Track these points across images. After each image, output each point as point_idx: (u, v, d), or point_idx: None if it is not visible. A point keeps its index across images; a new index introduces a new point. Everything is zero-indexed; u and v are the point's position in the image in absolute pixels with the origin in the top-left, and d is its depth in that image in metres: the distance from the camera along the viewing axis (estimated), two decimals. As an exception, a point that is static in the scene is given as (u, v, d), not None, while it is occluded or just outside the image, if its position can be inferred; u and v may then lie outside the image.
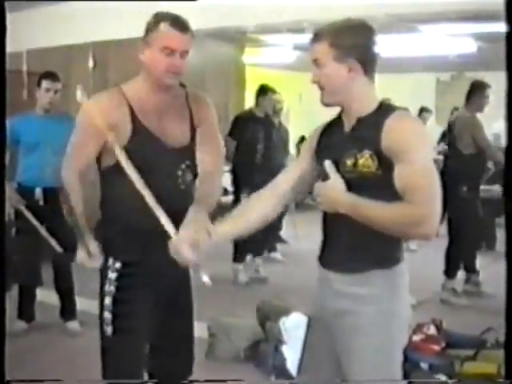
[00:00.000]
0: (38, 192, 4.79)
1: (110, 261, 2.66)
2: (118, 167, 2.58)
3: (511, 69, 2.25)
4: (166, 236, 2.45)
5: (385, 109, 2.22)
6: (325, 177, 2.26)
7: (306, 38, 7.34)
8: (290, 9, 4.98)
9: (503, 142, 7.33)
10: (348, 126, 2.30)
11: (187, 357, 2.89)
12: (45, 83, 4.72)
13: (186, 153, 2.74)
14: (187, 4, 5.11)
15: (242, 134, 6.30)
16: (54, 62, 6.68)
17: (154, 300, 2.69)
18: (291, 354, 4.20)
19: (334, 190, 2.21)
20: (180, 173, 2.70)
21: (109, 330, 2.65)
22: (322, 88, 2.28)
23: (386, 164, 2.14)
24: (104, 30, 5.56)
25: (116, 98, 2.64)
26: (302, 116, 9.79)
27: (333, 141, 2.34)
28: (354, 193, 2.17)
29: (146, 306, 2.66)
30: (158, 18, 2.64)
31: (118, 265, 2.65)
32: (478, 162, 5.76)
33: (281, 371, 4.18)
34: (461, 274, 5.94)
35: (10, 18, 2.48)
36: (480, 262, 6.12)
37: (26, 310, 5.03)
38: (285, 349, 4.25)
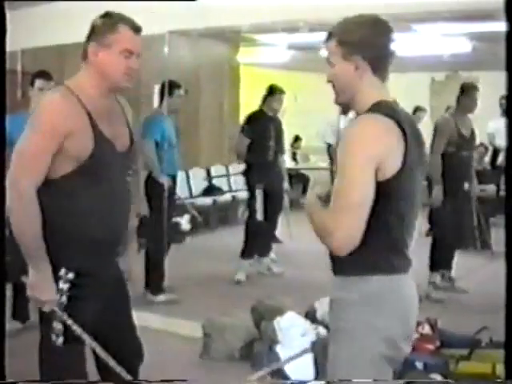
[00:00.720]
0: None
1: (62, 271, 2.58)
2: (73, 175, 2.54)
3: (511, 69, 2.23)
4: (113, 244, 2.58)
5: (368, 110, 2.14)
6: None
7: (300, 37, 7.34)
8: (285, 8, 4.98)
9: (497, 141, 7.35)
10: None
11: (135, 343, 2.93)
12: (38, 82, 4.71)
13: (130, 156, 2.78)
14: (183, 4, 5.11)
15: (255, 132, 6.48)
16: (49, 61, 6.67)
17: (101, 304, 2.69)
18: (286, 354, 4.20)
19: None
20: (128, 178, 2.76)
21: (59, 340, 2.61)
22: (333, 86, 2.24)
23: None
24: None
25: (72, 101, 2.56)
26: (297, 115, 9.79)
27: None
28: None
29: (94, 313, 2.66)
30: (114, 19, 2.58)
31: (70, 275, 2.58)
32: (450, 161, 5.81)
33: (275, 371, 4.17)
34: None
35: (4, 17, 2.48)
36: (477, 261, 6.15)
37: (20, 309, 4.99)
38: (279, 348, 4.25)
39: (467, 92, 5.83)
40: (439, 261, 5.94)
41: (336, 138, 6.52)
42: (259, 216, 6.47)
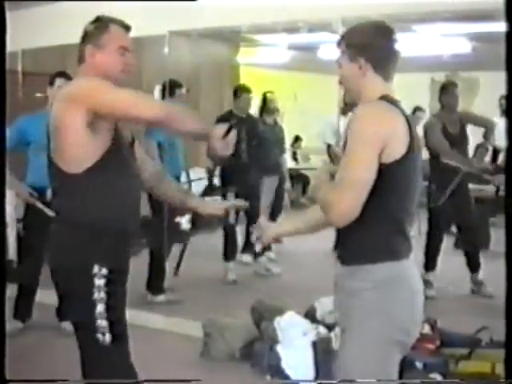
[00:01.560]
0: (50, 193, 4.71)
1: (96, 268, 2.58)
2: (96, 168, 2.58)
3: (511, 69, 2.25)
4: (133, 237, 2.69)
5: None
6: None
7: (300, 37, 7.34)
8: (285, 9, 4.98)
9: (497, 141, 7.36)
10: None
11: None
12: (59, 81, 4.68)
13: (133, 151, 2.85)
14: (183, 4, 5.12)
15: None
16: (49, 61, 6.68)
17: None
18: (286, 354, 4.20)
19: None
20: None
21: (107, 338, 2.59)
22: (343, 85, 2.42)
23: None
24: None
25: None
26: (297, 115, 9.79)
27: None
28: None
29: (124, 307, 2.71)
30: (104, 21, 2.71)
31: (104, 271, 2.59)
32: (437, 162, 5.86)
33: (276, 371, 4.18)
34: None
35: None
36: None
37: (23, 309, 5.02)
38: (280, 348, 4.26)
39: (446, 89, 5.95)
40: (435, 258, 6.00)
41: (336, 139, 6.49)
42: (231, 219, 6.44)
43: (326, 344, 4.22)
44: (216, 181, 7.02)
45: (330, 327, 4.38)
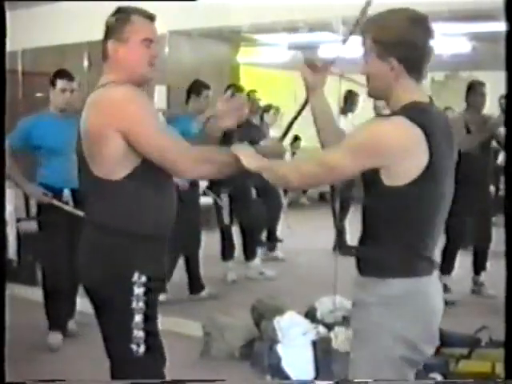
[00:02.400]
0: (67, 193, 4.66)
1: (136, 275, 2.47)
2: (134, 175, 2.47)
3: (511, 69, 2.23)
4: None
5: (397, 111, 2.11)
6: None
7: (300, 37, 7.33)
8: (285, 8, 4.99)
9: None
10: None
11: None
12: (60, 83, 4.59)
13: None
14: (183, 4, 5.12)
15: None
16: (49, 61, 6.68)
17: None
18: (286, 353, 4.20)
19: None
20: None
21: (141, 349, 2.49)
22: (367, 81, 2.22)
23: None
24: (99, 30, 5.55)
25: None
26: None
27: None
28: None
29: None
30: (126, 12, 2.53)
31: (143, 279, 2.48)
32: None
33: (276, 370, 4.18)
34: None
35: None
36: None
37: (56, 318, 4.78)
38: (280, 348, 4.25)
39: (473, 88, 5.80)
40: (453, 261, 5.88)
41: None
42: (226, 220, 6.43)
43: (325, 343, 4.22)
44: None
45: (329, 327, 4.38)
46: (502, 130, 5.77)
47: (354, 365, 2.26)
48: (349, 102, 7.25)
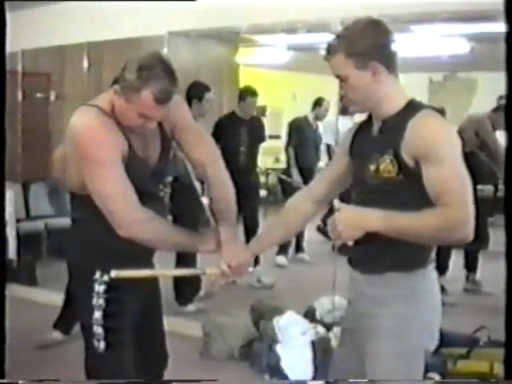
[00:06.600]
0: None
1: (98, 274, 2.54)
2: None
3: (511, 69, 2.24)
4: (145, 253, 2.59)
5: (411, 108, 2.14)
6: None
7: (299, 38, 7.31)
8: (284, 9, 4.99)
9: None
10: (375, 128, 2.23)
11: (163, 350, 2.88)
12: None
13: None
14: (183, 4, 5.13)
15: (225, 137, 6.20)
16: (49, 62, 6.69)
17: (136, 309, 2.66)
18: (285, 353, 4.21)
19: (352, 212, 2.15)
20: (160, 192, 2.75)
21: (101, 345, 2.56)
22: (349, 99, 2.20)
23: (406, 169, 2.08)
24: (99, 30, 5.57)
25: None
26: (296, 115, 9.80)
27: (361, 144, 2.28)
28: (375, 199, 2.14)
29: (130, 316, 2.63)
30: (142, 80, 2.32)
31: (106, 277, 2.52)
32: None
33: (275, 370, 4.19)
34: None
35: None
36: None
37: (65, 320, 4.77)
38: (279, 348, 4.27)
39: None
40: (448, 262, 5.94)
41: (335, 139, 6.49)
42: None
43: (324, 343, 4.23)
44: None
45: (328, 327, 4.40)
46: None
47: (374, 362, 2.21)
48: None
